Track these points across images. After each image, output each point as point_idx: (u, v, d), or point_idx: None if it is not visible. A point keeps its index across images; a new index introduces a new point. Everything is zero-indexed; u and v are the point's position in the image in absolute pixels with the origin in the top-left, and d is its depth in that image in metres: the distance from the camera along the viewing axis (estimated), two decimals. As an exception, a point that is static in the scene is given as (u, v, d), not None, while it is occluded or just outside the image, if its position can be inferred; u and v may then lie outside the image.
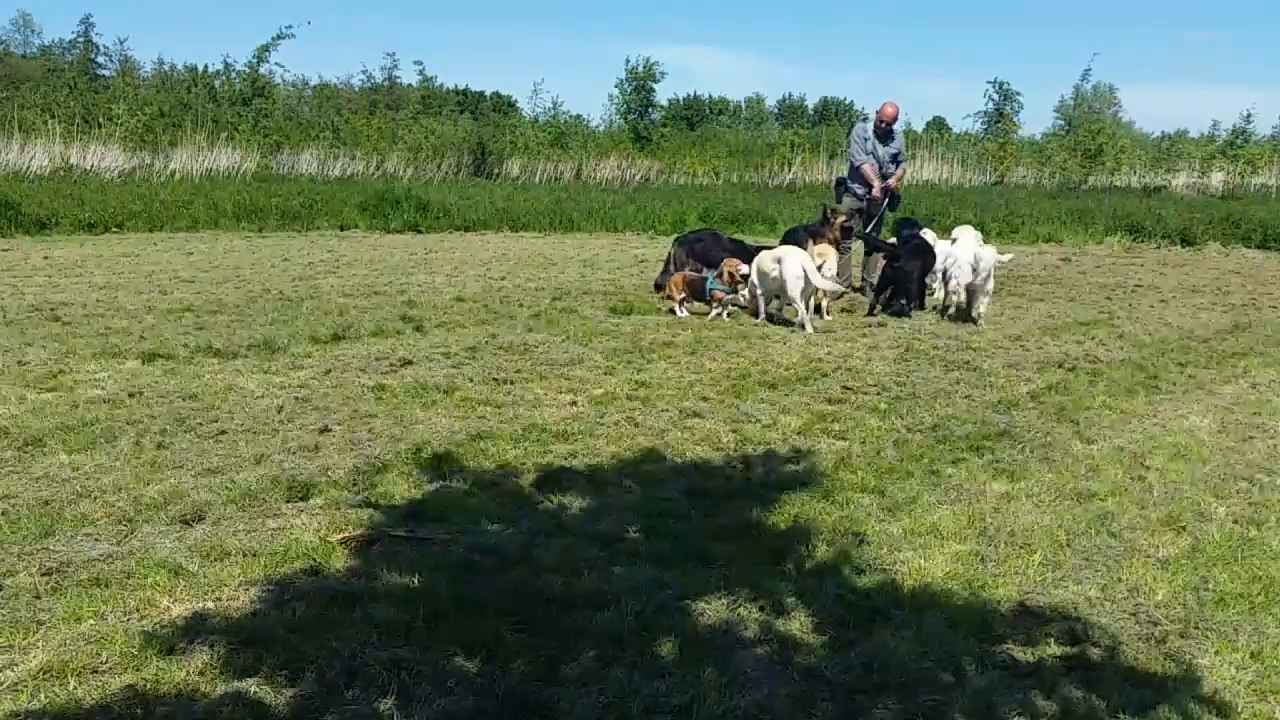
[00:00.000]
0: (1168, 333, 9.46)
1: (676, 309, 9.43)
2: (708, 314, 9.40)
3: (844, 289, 10.10)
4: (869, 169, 10.98)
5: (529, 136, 29.07)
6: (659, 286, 10.52)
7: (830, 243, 10.12)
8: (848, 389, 6.85)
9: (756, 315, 9.42)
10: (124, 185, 19.67)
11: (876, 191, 10.94)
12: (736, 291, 9.32)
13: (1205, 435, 6.02)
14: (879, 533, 4.31)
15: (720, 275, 9.33)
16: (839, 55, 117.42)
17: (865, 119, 11.55)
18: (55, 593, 3.48)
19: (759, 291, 9.32)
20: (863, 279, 11.29)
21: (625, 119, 32.31)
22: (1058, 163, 28.88)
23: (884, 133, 11.05)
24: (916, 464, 5.26)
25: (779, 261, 9.04)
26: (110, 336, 7.67)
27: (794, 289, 8.87)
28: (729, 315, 9.36)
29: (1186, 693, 3.16)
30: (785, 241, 10.36)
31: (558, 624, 3.39)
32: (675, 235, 12.26)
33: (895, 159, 11.19)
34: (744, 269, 9.16)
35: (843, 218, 10.50)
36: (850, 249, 11.12)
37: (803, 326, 8.91)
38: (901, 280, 9.81)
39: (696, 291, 9.50)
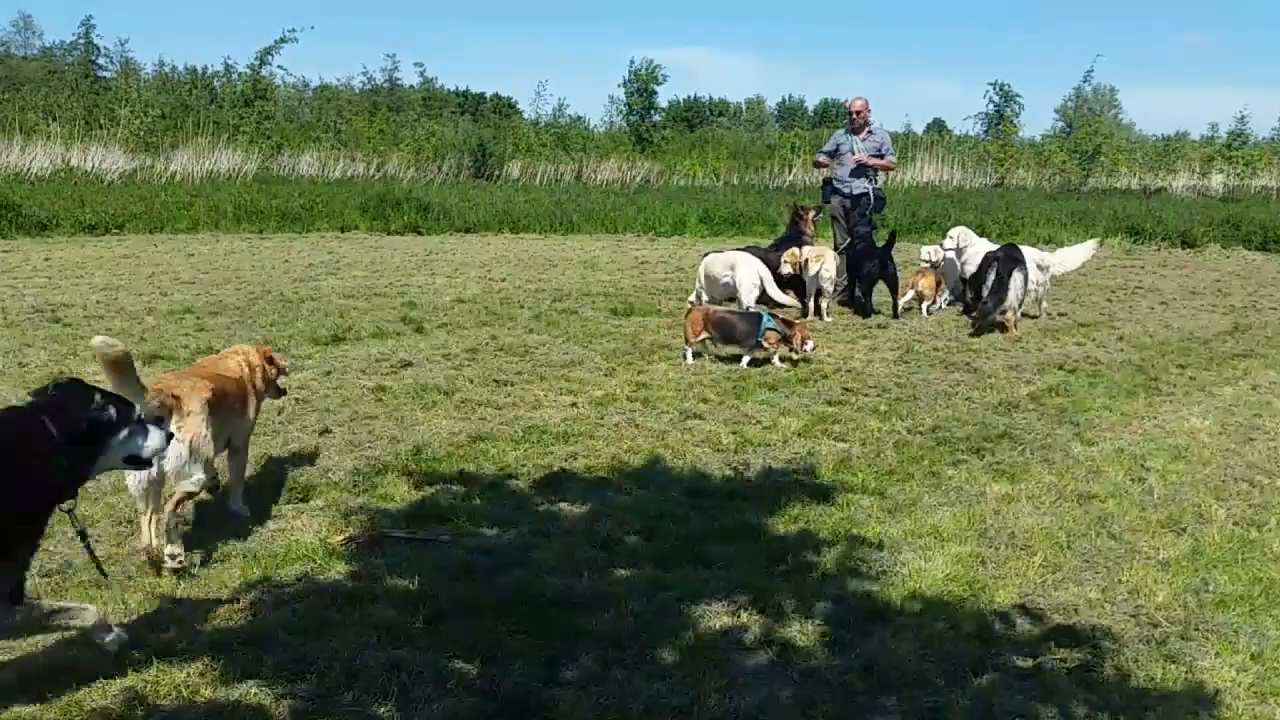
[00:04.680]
0: (1168, 334, 9.45)
1: (686, 354, 7.62)
2: (736, 359, 7.53)
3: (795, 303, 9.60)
4: (821, 159, 11.46)
5: (530, 138, 29.05)
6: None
7: (809, 230, 10.47)
8: (848, 391, 6.85)
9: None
10: (125, 187, 19.67)
11: (837, 166, 11.02)
12: (795, 336, 7.46)
13: (1205, 437, 6.01)
14: (879, 534, 4.31)
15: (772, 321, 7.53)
16: (839, 57, 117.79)
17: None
18: (55, 593, 3.48)
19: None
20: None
21: (628, 121, 32.26)
22: (1057, 164, 28.84)
23: (858, 129, 11.07)
24: (917, 466, 5.27)
25: (732, 268, 8.98)
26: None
27: (748, 296, 8.77)
28: (781, 360, 7.49)
29: (1187, 695, 3.16)
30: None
31: (558, 625, 3.39)
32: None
33: (879, 156, 11.20)
34: (807, 254, 8.83)
35: (813, 212, 10.70)
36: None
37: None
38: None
39: (728, 332, 7.59)
